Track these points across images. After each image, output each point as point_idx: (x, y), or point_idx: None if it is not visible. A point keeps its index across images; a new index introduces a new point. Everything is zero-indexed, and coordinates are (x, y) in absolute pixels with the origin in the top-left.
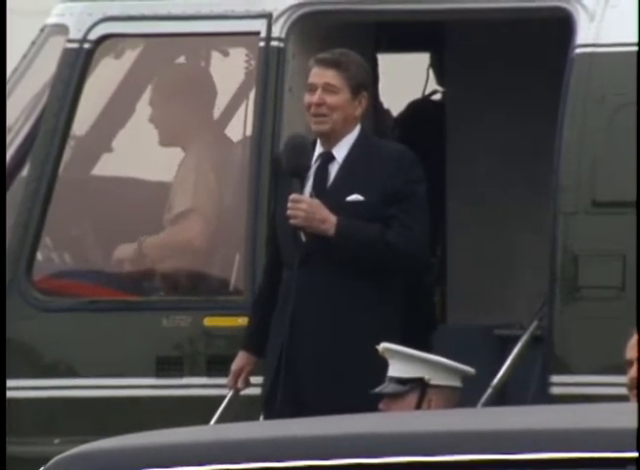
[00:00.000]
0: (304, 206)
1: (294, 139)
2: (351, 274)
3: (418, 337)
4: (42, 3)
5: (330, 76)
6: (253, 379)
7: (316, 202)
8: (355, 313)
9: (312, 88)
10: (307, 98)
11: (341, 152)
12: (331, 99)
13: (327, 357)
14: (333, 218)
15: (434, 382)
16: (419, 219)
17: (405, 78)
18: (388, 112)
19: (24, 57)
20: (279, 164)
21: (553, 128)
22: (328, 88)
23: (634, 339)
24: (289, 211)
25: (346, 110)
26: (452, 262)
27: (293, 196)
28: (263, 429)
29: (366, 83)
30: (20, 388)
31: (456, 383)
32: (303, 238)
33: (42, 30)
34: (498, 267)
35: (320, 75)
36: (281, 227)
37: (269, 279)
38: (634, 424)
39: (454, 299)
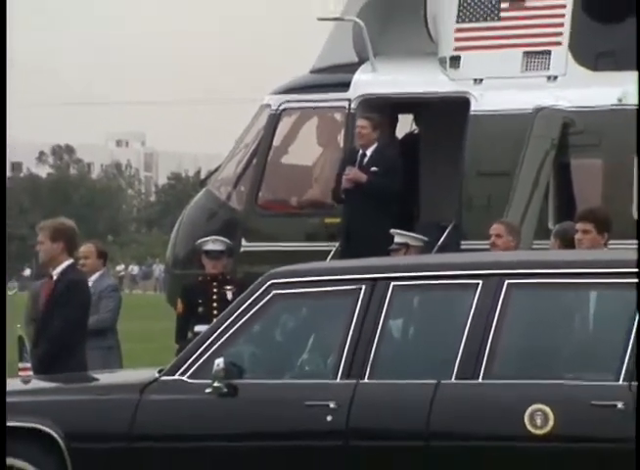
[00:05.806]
0: (352, 173)
1: (349, 150)
2: (372, 200)
3: (406, 227)
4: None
5: (363, 124)
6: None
7: (357, 170)
8: (378, 217)
9: (358, 129)
10: (357, 133)
11: (369, 151)
12: (364, 132)
13: (367, 235)
14: (364, 177)
15: (411, 244)
16: (397, 177)
17: (402, 125)
18: (396, 138)
19: (252, 120)
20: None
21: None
22: (362, 129)
23: (494, 225)
24: (344, 177)
25: (371, 136)
26: (423, 196)
27: (347, 169)
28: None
29: (380, 124)
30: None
31: (421, 244)
32: (350, 186)
33: (260, 107)
34: (442, 193)
35: (359, 123)
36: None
37: (337, 200)
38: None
39: (423, 210)
